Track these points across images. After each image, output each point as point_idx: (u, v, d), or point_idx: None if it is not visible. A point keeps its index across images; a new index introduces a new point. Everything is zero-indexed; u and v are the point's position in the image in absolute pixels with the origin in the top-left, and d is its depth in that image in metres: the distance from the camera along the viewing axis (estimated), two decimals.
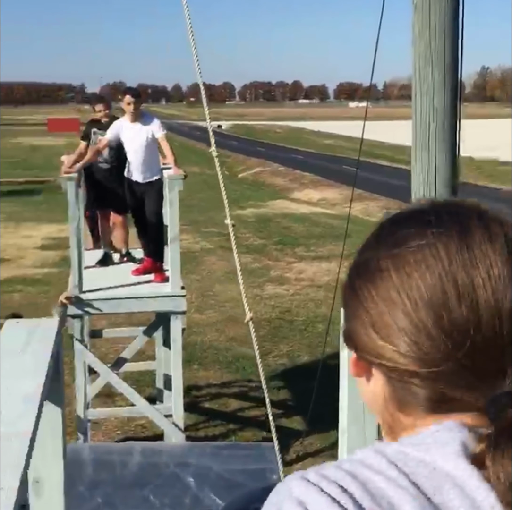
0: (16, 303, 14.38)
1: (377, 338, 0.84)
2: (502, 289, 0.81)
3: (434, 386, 0.82)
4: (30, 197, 28.53)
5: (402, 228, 0.87)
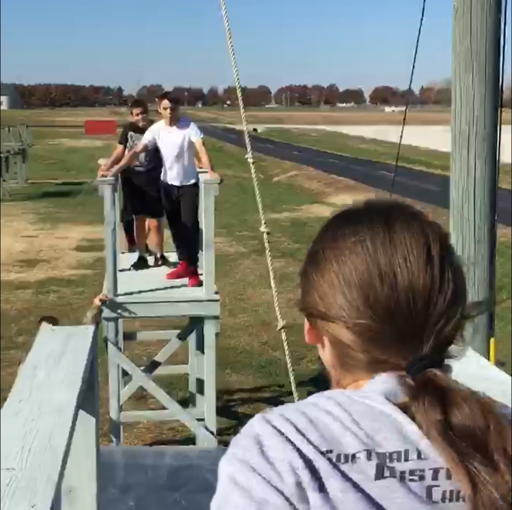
0: (50, 304, 14.50)
1: (324, 313, 1.06)
2: (416, 272, 1.02)
3: (367, 351, 1.03)
4: (67, 199, 28.77)
5: (342, 226, 1.10)
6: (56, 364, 2.19)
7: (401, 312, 1.02)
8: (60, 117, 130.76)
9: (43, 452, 1.64)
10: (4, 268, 17.60)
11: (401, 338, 1.02)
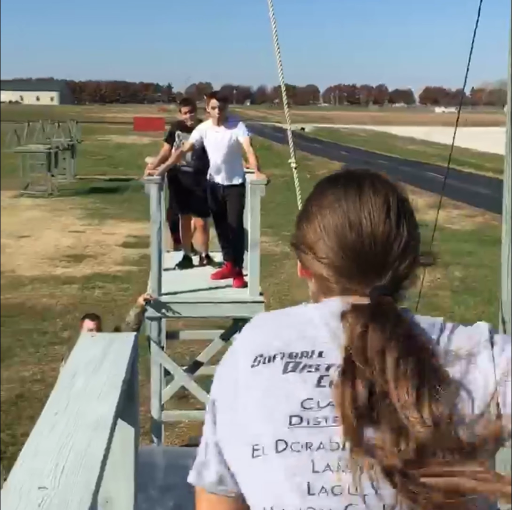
0: (95, 300, 14.60)
1: (311, 256, 1.36)
2: (377, 223, 1.32)
3: (339, 282, 1.32)
4: (114, 195, 28.99)
5: (325, 187, 1.41)
6: (95, 372, 2.13)
7: (364, 252, 1.32)
8: (109, 113, 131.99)
9: (77, 471, 1.57)
10: (51, 262, 17.79)
11: (364, 273, 1.31)
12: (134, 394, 2.40)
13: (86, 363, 2.18)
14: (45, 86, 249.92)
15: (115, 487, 2.29)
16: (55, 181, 30.36)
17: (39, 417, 1.88)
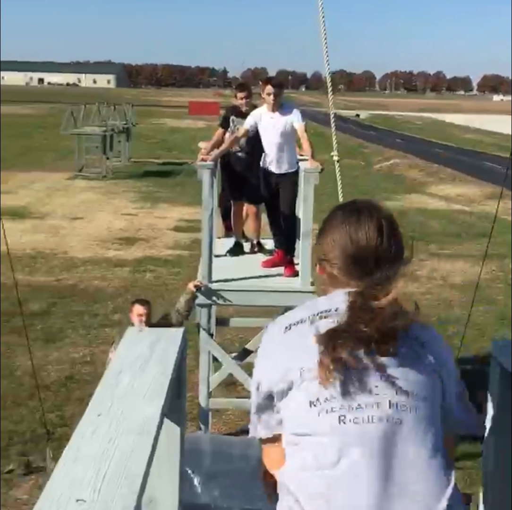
0: (146, 283, 14.64)
1: (326, 261, 2.01)
2: (372, 240, 1.95)
3: (344, 278, 1.96)
4: (167, 178, 29.08)
5: (336, 212, 2.07)
6: (142, 370, 2.06)
7: (362, 260, 1.95)
8: (165, 97, 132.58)
9: (118, 481, 1.51)
10: (103, 245, 17.91)
11: (361, 274, 1.93)
12: (181, 392, 2.34)
13: (133, 360, 2.12)
14: (103, 69, 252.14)
15: (160, 486, 2.23)
16: (109, 164, 30.56)
17: (82, 418, 1.82)
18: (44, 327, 11.86)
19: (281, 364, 1.86)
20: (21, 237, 18.27)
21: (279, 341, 1.91)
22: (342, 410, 1.80)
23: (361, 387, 1.82)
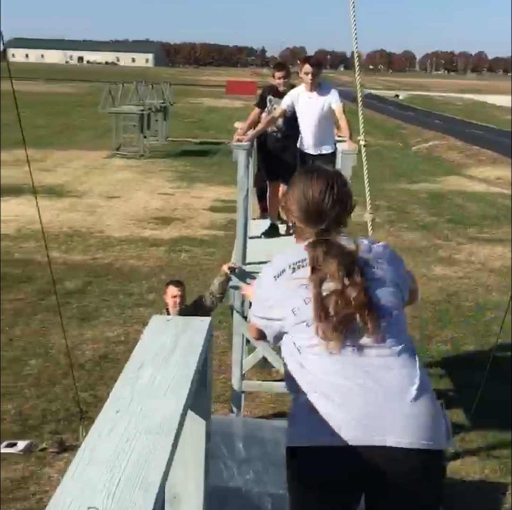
0: (181, 263, 14.62)
1: (289, 213, 2.75)
2: (322, 194, 2.62)
3: (302, 226, 2.68)
4: (204, 158, 29.01)
5: (297, 173, 2.82)
6: (165, 363, 1.97)
7: (314, 210, 2.61)
8: (203, 76, 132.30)
9: (133, 488, 1.41)
10: (139, 224, 17.91)
11: (315, 221, 2.61)
12: (206, 385, 2.25)
13: (156, 352, 2.03)
14: (141, 48, 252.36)
15: (184, 482, 2.15)
16: (147, 143, 30.56)
17: (99, 414, 1.74)
18: (79, 306, 11.90)
19: (276, 298, 2.61)
20: (58, 216, 18.36)
21: (272, 284, 2.65)
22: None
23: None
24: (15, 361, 9.57)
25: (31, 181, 6.82)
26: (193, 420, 2.11)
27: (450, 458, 7.56)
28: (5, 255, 14.61)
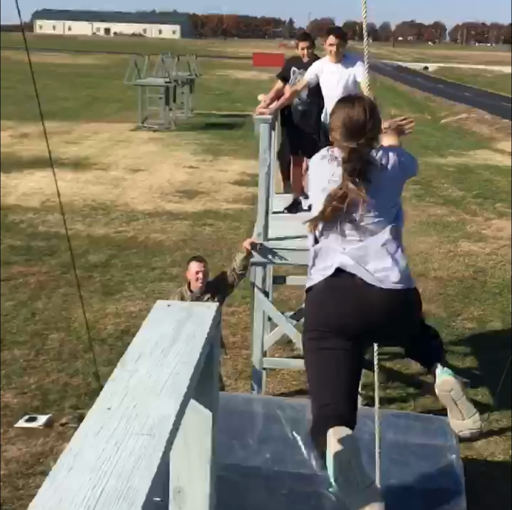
0: (205, 237, 14.53)
1: (333, 129, 3.33)
2: (360, 114, 3.23)
3: (344, 140, 3.25)
4: (230, 131, 28.82)
5: (340, 100, 3.45)
6: (164, 356, 1.83)
7: (353, 126, 3.19)
8: (230, 48, 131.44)
9: (117, 499, 1.28)
10: (164, 197, 17.83)
11: (353, 136, 3.19)
12: (212, 376, 2.12)
13: (155, 343, 1.90)
14: (168, 19, 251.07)
15: (188, 476, 2.03)
16: (172, 116, 30.41)
17: (89, 412, 1.62)
18: (102, 279, 11.87)
19: (320, 176, 3.36)
20: (82, 189, 18.33)
21: (317, 164, 3.42)
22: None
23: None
24: (37, 335, 9.57)
25: (49, 155, 6.73)
26: (198, 412, 2.00)
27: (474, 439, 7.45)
28: (29, 228, 14.61)
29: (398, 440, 5.85)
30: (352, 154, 3.16)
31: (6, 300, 10.69)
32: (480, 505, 6.14)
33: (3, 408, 7.68)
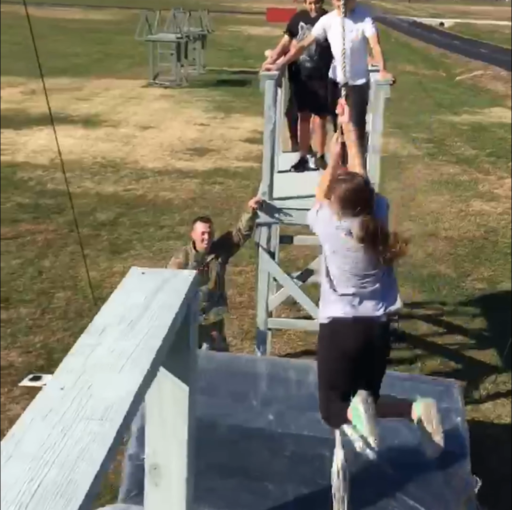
0: (215, 196, 14.42)
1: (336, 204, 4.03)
2: (361, 186, 4.16)
3: (343, 213, 3.99)
4: (242, 88, 28.48)
5: (341, 174, 4.41)
6: (131, 328, 1.71)
7: (355, 199, 3.89)
8: (243, 3, 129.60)
9: (54, 495, 1.16)
10: (174, 155, 17.68)
11: (356, 210, 3.90)
12: (189, 348, 2.01)
13: (123, 314, 1.78)
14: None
15: (165, 453, 1.94)
16: (184, 72, 30.07)
17: (40, 391, 1.50)
18: (110, 238, 11.80)
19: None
20: (92, 146, 18.19)
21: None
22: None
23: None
24: (43, 294, 9.54)
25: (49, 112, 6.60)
26: (174, 385, 1.90)
27: (481, 401, 7.40)
28: (38, 186, 14.53)
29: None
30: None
31: (13, 258, 10.65)
32: (485, 467, 6.09)
33: (8, 367, 7.68)
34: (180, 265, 6.54)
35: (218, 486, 5.00)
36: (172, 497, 1.92)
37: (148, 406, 1.98)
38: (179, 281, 1.99)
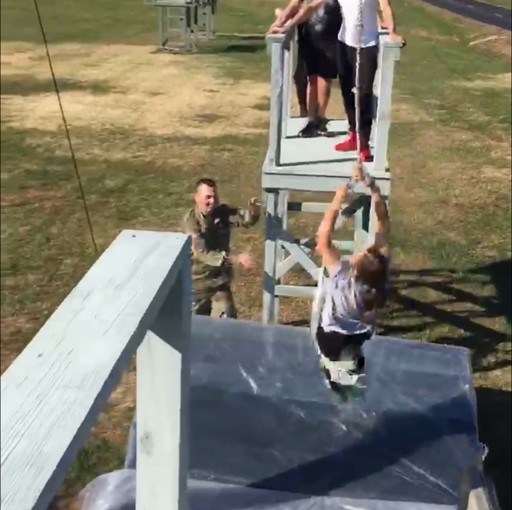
0: (223, 162, 14.32)
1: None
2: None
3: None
4: (252, 53, 28.18)
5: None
6: (117, 293, 1.64)
7: (374, 281, 4.41)
8: None
9: (23, 466, 1.11)
10: (183, 121, 17.55)
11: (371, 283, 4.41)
12: (181, 313, 1.95)
13: (110, 277, 1.73)
14: None
15: (156, 422, 1.89)
16: (194, 37, 29.78)
17: (17, 358, 1.44)
18: (118, 205, 11.75)
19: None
20: (101, 112, 18.07)
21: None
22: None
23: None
24: (51, 260, 9.51)
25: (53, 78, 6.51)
26: (165, 353, 1.85)
27: (489, 368, 7.35)
28: (46, 152, 14.46)
29: (411, 370, 5.76)
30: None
31: (21, 225, 10.63)
32: (493, 434, 6.06)
33: (15, 333, 7.67)
34: (196, 232, 6.54)
35: (223, 452, 5.00)
36: (165, 464, 1.88)
37: (139, 374, 1.93)
38: (171, 244, 1.93)
